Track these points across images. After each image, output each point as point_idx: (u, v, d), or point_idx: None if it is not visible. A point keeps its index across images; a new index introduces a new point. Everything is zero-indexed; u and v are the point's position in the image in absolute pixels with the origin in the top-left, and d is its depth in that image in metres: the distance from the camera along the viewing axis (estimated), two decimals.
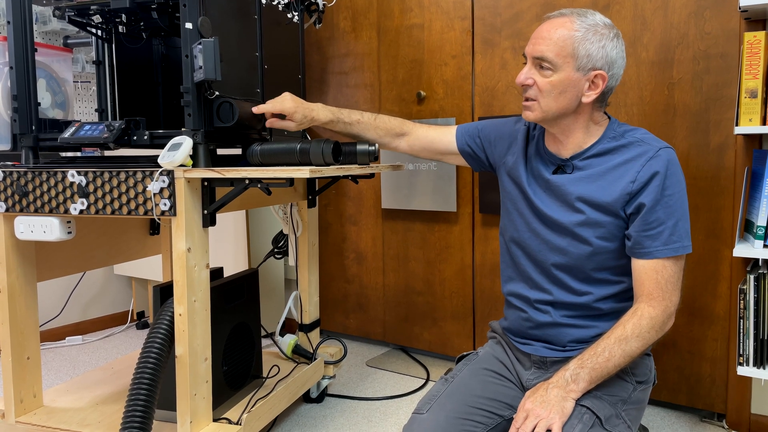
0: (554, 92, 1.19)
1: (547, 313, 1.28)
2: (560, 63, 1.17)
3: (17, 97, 1.51)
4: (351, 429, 1.84)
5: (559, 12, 1.21)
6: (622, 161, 1.20)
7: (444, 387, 1.28)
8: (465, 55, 2.22)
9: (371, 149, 1.49)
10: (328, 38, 2.60)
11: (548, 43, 1.17)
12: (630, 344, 1.15)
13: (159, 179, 1.36)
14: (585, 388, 1.15)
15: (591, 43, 1.16)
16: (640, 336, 1.16)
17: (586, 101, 1.20)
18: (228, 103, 1.38)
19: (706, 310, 1.81)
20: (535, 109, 1.22)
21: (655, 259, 1.18)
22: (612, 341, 1.15)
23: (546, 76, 1.19)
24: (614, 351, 1.15)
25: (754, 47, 1.51)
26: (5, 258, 1.54)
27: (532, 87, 1.21)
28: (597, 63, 1.17)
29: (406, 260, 2.45)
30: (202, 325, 1.43)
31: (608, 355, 1.15)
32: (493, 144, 1.43)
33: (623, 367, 1.17)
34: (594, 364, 1.15)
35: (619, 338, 1.15)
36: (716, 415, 1.85)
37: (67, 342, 2.74)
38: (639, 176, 1.17)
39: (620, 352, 1.15)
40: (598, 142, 1.24)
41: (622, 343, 1.15)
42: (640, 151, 1.19)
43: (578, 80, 1.18)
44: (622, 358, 1.15)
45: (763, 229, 1.51)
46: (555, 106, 1.20)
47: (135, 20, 1.66)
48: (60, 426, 1.53)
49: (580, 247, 1.23)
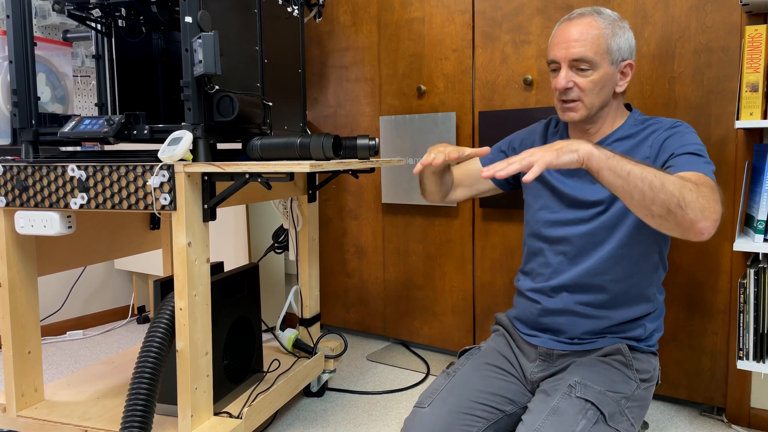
0: (596, 89, 1.25)
1: (561, 298, 1.29)
2: (599, 61, 1.24)
3: (17, 91, 1.51)
4: (351, 423, 1.85)
5: (577, 13, 1.27)
6: (642, 138, 1.27)
7: (446, 381, 1.28)
8: (465, 49, 2.21)
9: (371, 144, 1.48)
10: (328, 32, 2.59)
11: (584, 44, 1.23)
12: (668, 177, 1.00)
13: (159, 174, 1.36)
14: (598, 154, 1.01)
15: (618, 37, 1.25)
16: (682, 184, 0.99)
17: (619, 90, 1.29)
18: (228, 98, 1.37)
19: (706, 303, 1.82)
20: (579, 109, 1.27)
21: (694, 171, 1.10)
22: (651, 167, 1.02)
23: (586, 76, 1.25)
24: (650, 168, 1.01)
25: (755, 41, 1.50)
26: (6, 253, 1.54)
27: (572, 89, 1.26)
28: (625, 54, 1.27)
29: (407, 254, 2.45)
30: (202, 319, 1.43)
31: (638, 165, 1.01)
32: (525, 146, 1.48)
33: (641, 188, 1.00)
34: (622, 158, 1.02)
35: (660, 170, 1.02)
36: (716, 409, 1.86)
37: (67, 336, 2.75)
38: (656, 139, 1.23)
39: (655, 172, 1.00)
40: (621, 128, 1.30)
41: (659, 173, 1.00)
42: (658, 126, 1.26)
43: (614, 73, 1.26)
44: (652, 176, 0.99)
45: (764, 223, 1.51)
46: (598, 101, 1.27)
47: (134, 14, 1.66)
48: (61, 420, 1.53)
49: (601, 220, 1.27)
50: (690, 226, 0.98)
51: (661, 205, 0.98)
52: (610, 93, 1.28)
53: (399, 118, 2.38)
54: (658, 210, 0.99)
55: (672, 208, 0.98)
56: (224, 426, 1.44)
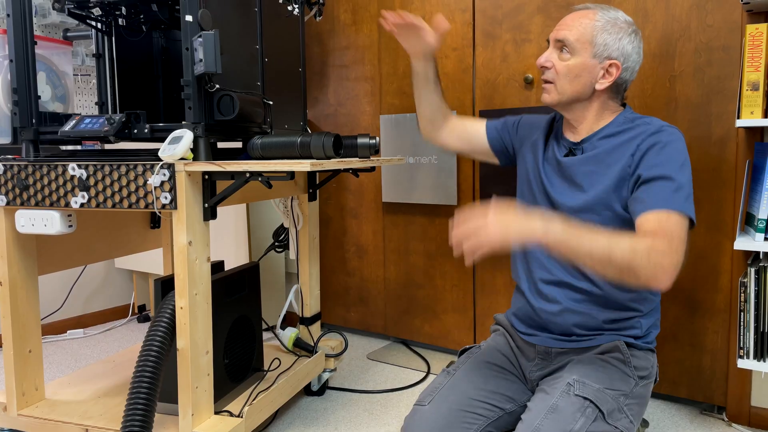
0: (570, 75, 1.25)
1: (555, 301, 1.28)
2: (579, 48, 1.24)
3: (17, 90, 1.51)
4: (352, 422, 1.85)
5: (584, 5, 1.29)
6: (626, 139, 1.25)
7: (446, 379, 1.29)
8: (466, 48, 2.21)
9: (372, 142, 1.48)
10: (328, 31, 2.59)
11: (570, 28, 1.25)
12: (618, 245, 1.04)
13: (159, 172, 1.36)
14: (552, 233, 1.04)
15: (609, 34, 1.24)
16: (632, 249, 1.04)
17: (599, 88, 1.26)
18: (228, 96, 1.37)
19: (706, 302, 1.82)
20: (551, 91, 1.28)
21: (657, 210, 1.12)
22: (604, 234, 1.06)
23: (564, 59, 1.26)
24: (600, 239, 1.04)
25: (756, 40, 1.50)
26: (6, 252, 1.54)
27: (550, 69, 1.28)
28: (612, 53, 1.24)
29: (407, 253, 2.45)
30: (203, 318, 1.43)
31: (592, 237, 1.05)
32: (524, 136, 1.47)
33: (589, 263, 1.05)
34: (576, 231, 1.05)
35: (613, 236, 1.06)
36: (716, 408, 1.86)
37: (68, 335, 2.75)
38: (639, 148, 1.21)
39: (604, 244, 1.04)
40: (608, 126, 1.29)
41: (612, 239, 1.05)
42: (643, 129, 1.24)
43: (593, 67, 1.24)
44: (600, 250, 1.04)
45: (764, 221, 1.51)
46: (570, 89, 1.26)
47: (135, 13, 1.66)
48: (62, 419, 1.53)
49: None
50: (645, 283, 1.05)
51: (613, 274, 1.06)
52: (587, 86, 1.25)
53: (399, 117, 2.38)
54: (612, 276, 1.06)
55: (624, 275, 1.05)
56: (225, 425, 1.44)
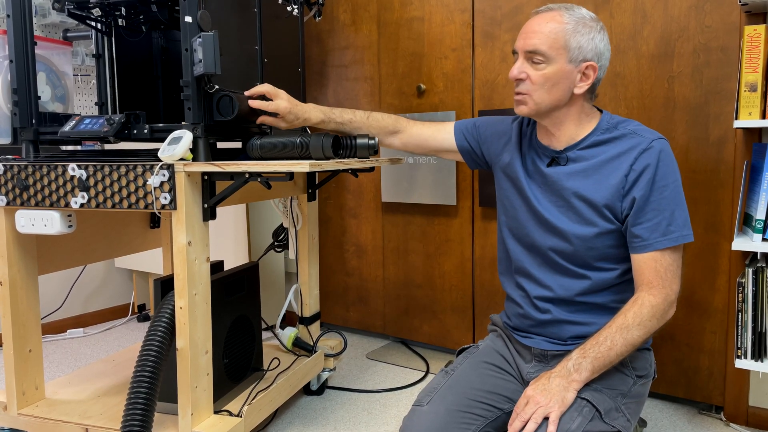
0: (547, 85, 1.20)
1: (547, 311, 1.28)
2: (553, 55, 1.18)
3: (17, 90, 1.51)
4: (351, 421, 1.85)
5: (546, 7, 1.23)
6: (615, 154, 1.21)
7: (444, 380, 1.29)
8: (465, 48, 2.22)
9: (371, 143, 1.49)
10: (327, 31, 2.60)
11: (540, 36, 1.19)
12: (631, 333, 1.16)
13: (159, 173, 1.36)
14: (587, 377, 1.15)
15: (582, 35, 1.19)
16: (641, 324, 1.16)
17: (578, 92, 1.22)
18: (228, 97, 1.38)
19: (704, 303, 1.82)
20: (528, 102, 1.23)
21: (653, 252, 1.18)
22: (614, 330, 1.16)
23: (539, 69, 1.20)
24: (616, 340, 1.15)
25: (754, 41, 1.51)
26: (6, 251, 1.54)
27: (525, 81, 1.22)
28: (588, 54, 1.20)
29: (406, 253, 2.46)
30: (202, 318, 1.43)
31: (610, 344, 1.15)
32: (489, 141, 1.44)
33: (625, 356, 1.18)
34: (596, 353, 1.15)
35: (621, 327, 1.16)
36: (714, 408, 1.87)
37: (68, 335, 2.75)
38: (632, 170, 1.19)
39: (622, 341, 1.15)
40: (592, 134, 1.25)
41: (623, 332, 1.15)
42: (633, 143, 1.20)
43: (570, 72, 1.20)
44: (624, 347, 1.16)
45: (762, 222, 1.51)
46: (548, 98, 1.21)
47: (134, 13, 1.66)
48: (62, 418, 1.54)
49: (576, 243, 1.24)
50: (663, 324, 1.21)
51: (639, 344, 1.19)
52: (565, 92, 1.21)
53: None
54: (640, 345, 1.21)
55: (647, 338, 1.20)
56: (224, 424, 1.44)
